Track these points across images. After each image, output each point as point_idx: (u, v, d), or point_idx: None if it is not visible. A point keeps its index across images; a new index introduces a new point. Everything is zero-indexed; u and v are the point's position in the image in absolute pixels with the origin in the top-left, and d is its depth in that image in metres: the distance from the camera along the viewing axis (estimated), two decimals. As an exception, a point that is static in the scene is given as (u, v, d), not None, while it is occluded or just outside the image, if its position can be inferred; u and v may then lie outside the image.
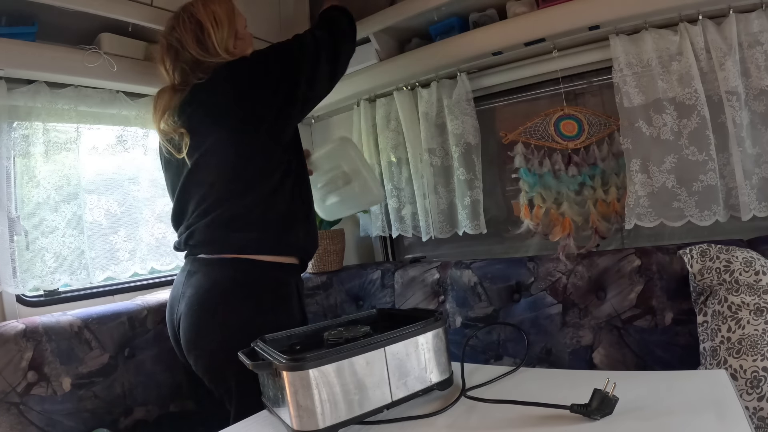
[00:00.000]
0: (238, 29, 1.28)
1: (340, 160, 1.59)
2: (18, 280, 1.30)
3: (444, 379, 0.84)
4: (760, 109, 1.27)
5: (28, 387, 1.12)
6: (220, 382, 1.14)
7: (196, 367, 1.17)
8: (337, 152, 1.59)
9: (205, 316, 1.13)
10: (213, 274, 1.16)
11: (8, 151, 1.32)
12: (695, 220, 1.32)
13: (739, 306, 1.08)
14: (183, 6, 1.25)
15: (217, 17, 1.22)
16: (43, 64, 1.31)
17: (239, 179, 1.18)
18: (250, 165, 1.18)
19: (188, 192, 1.21)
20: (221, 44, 1.22)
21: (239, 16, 1.30)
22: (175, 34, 1.22)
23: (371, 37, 1.72)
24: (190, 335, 1.14)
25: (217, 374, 1.14)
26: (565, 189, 1.50)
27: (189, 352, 1.16)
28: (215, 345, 1.10)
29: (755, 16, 1.25)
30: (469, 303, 1.53)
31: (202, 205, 1.18)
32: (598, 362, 1.30)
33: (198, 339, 1.14)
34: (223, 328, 1.11)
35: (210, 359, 1.13)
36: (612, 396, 0.67)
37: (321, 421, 0.72)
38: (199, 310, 1.13)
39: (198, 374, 1.18)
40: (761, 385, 0.99)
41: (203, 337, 1.13)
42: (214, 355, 1.11)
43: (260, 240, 1.18)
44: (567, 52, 1.53)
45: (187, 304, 1.15)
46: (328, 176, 1.62)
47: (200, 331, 1.13)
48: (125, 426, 1.26)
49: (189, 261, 1.22)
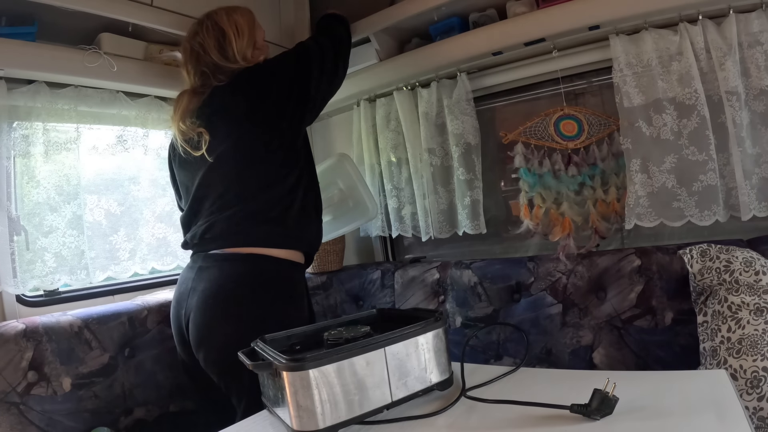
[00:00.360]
0: (257, 40, 1.36)
1: (337, 177, 1.63)
2: (18, 280, 1.30)
3: (444, 379, 0.84)
4: (760, 109, 1.27)
5: (29, 387, 1.12)
6: (232, 376, 1.13)
7: (206, 362, 1.17)
8: (335, 169, 1.63)
9: (221, 308, 1.14)
10: (228, 268, 1.18)
11: (8, 151, 1.32)
12: (695, 220, 1.32)
13: (739, 306, 1.08)
14: (207, 13, 1.32)
15: (239, 27, 1.30)
16: (43, 64, 1.31)
17: (261, 175, 1.23)
18: (272, 162, 1.24)
19: (207, 187, 1.25)
20: (240, 52, 1.29)
21: (259, 28, 1.37)
22: (198, 39, 1.29)
23: (371, 37, 1.72)
24: (203, 328, 1.15)
25: (228, 368, 1.13)
26: (565, 189, 1.50)
27: (200, 346, 1.16)
28: (229, 338, 1.10)
29: (755, 16, 1.25)
30: (469, 303, 1.53)
31: (222, 199, 1.22)
32: (598, 362, 1.30)
33: (211, 332, 1.14)
34: (238, 321, 1.13)
35: (223, 353, 1.12)
36: (612, 396, 0.67)
37: (321, 421, 0.72)
38: (214, 303, 1.15)
39: (207, 369, 1.18)
40: (761, 385, 0.99)
41: (217, 330, 1.14)
42: (228, 348, 1.10)
43: (281, 234, 1.23)
44: (567, 52, 1.53)
45: (201, 298, 1.16)
46: (323, 194, 1.63)
47: (214, 324, 1.14)
48: (125, 426, 1.26)
49: (200, 257, 1.23)
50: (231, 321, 1.13)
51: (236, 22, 1.30)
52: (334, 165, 1.64)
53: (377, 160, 1.89)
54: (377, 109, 1.86)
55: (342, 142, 2.08)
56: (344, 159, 1.65)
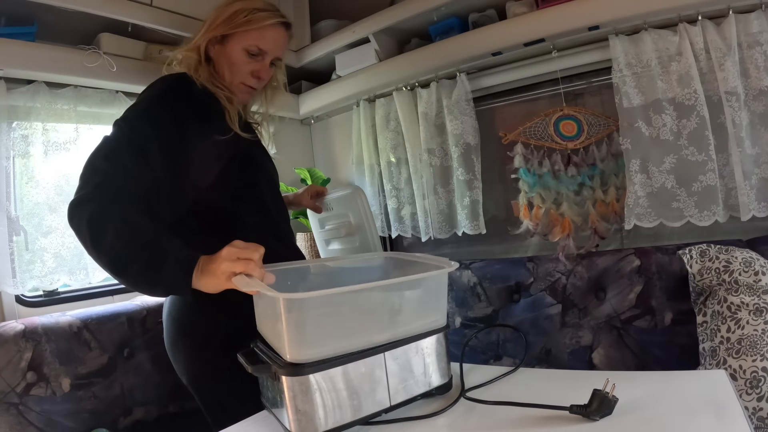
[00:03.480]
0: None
1: (349, 210, 1.60)
2: (17, 281, 1.30)
3: (443, 383, 0.84)
4: (759, 110, 1.27)
5: (28, 387, 1.12)
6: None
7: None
8: (348, 200, 1.60)
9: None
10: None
11: (7, 151, 1.32)
12: (694, 220, 1.32)
13: (738, 306, 1.08)
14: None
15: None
16: (43, 64, 1.31)
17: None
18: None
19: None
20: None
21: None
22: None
23: (371, 37, 1.73)
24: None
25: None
26: (565, 189, 1.50)
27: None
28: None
29: (755, 16, 1.25)
30: (468, 303, 1.53)
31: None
32: (598, 362, 1.30)
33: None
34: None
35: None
36: (611, 396, 0.67)
37: (319, 425, 0.71)
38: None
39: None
40: (761, 386, 0.99)
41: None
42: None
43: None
44: (566, 53, 1.53)
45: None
46: (334, 222, 1.64)
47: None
48: (124, 426, 1.26)
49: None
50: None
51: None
52: (349, 196, 1.60)
53: (377, 160, 1.89)
54: (377, 110, 1.86)
55: (341, 142, 2.09)
56: (358, 193, 1.61)
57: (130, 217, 0.83)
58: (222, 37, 1.06)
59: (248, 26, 1.05)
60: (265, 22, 1.06)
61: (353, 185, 1.73)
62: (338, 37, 1.81)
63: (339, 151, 2.12)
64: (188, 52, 1.08)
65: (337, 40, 1.81)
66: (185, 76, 1.05)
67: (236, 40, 1.06)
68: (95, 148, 0.92)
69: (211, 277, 0.78)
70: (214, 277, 0.77)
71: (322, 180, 2.01)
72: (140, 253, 0.80)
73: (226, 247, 0.78)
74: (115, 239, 0.80)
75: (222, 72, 1.08)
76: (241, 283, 0.75)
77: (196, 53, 1.07)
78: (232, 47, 1.06)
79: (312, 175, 1.99)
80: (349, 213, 1.60)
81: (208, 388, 1.04)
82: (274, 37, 1.09)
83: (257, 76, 1.10)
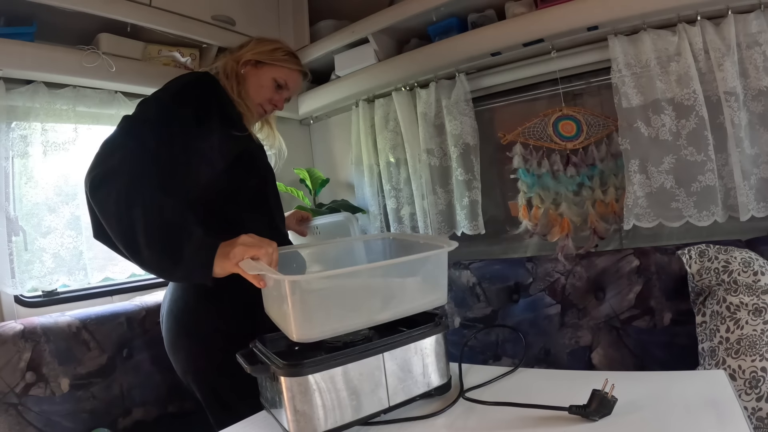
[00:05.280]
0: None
1: (338, 236, 1.62)
2: (16, 281, 1.30)
3: (442, 383, 0.84)
4: (758, 110, 1.27)
5: (27, 388, 1.12)
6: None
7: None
8: (338, 228, 1.61)
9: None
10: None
11: (6, 151, 1.32)
12: (694, 220, 1.32)
13: (737, 306, 1.08)
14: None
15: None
16: (42, 65, 1.31)
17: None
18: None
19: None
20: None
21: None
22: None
23: (370, 37, 1.72)
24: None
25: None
26: (564, 189, 1.50)
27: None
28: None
29: (754, 16, 1.25)
30: (467, 303, 1.53)
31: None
32: (597, 363, 1.30)
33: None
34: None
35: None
36: (611, 397, 0.67)
37: (318, 425, 0.71)
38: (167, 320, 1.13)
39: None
40: (760, 386, 0.99)
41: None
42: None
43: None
44: (565, 53, 1.53)
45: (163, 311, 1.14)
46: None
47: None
48: (124, 427, 1.26)
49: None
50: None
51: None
52: (339, 223, 1.62)
53: (376, 160, 1.89)
54: (376, 110, 1.86)
55: (341, 142, 2.09)
56: (350, 221, 1.64)
57: (158, 195, 0.86)
58: (257, 63, 1.19)
59: (284, 63, 1.21)
60: (295, 67, 1.24)
61: (345, 214, 1.74)
62: (337, 37, 1.81)
63: (338, 151, 2.12)
64: (231, 60, 1.19)
65: (337, 40, 1.81)
66: (210, 75, 1.13)
67: (270, 70, 1.20)
68: (118, 126, 0.96)
69: (224, 260, 0.82)
70: (226, 259, 0.81)
71: (321, 180, 2.01)
72: (167, 233, 0.83)
73: (243, 234, 0.83)
74: (143, 216, 0.82)
75: (247, 89, 1.19)
76: (247, 267, 0.78)
77: (236, 64, 1.18)
78: (265, 73, 1.20)
79: (311, 175, 1.99)
80: (337, 238, 1.62)
81: (209, 385, 1.06)
82: (297, 80, 1.27)
83: (274, 104, 1.24)
